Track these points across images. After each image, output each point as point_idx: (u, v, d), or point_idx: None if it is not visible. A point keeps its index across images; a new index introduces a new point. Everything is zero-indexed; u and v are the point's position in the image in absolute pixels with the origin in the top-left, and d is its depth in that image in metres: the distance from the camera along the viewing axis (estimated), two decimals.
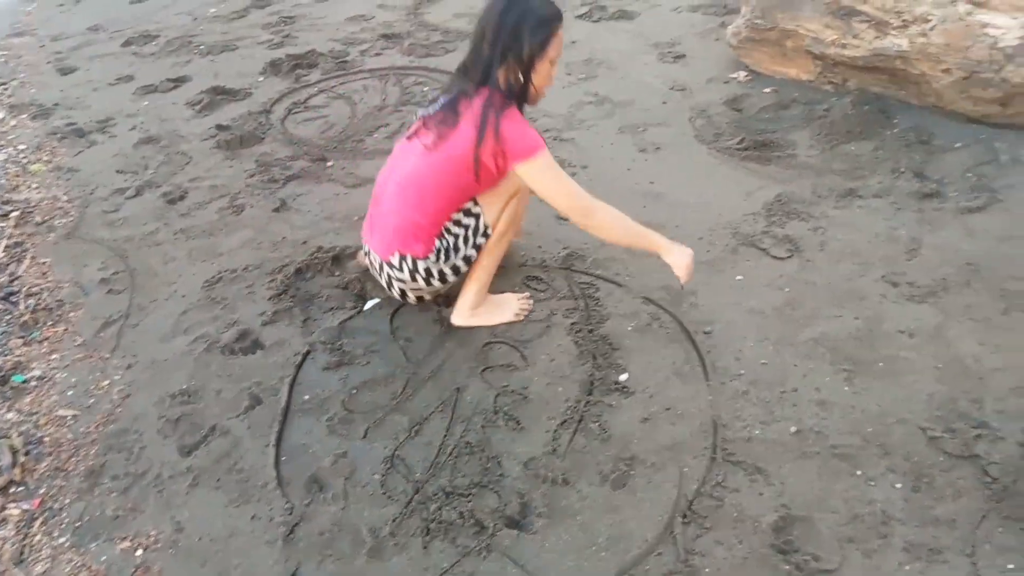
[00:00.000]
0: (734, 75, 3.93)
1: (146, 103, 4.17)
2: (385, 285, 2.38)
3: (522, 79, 2.05)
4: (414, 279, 2.24)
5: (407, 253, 2.20)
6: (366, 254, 2.39)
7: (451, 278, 2.31)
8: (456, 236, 2.22)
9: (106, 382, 2.34)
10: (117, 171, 3.50)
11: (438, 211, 2.18)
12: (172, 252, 2.91)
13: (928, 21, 3.18)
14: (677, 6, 4.86)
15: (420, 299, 2.45)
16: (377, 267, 2.34)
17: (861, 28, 3.38)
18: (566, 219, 2.38)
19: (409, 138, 2.22)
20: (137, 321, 2.58)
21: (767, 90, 3.75)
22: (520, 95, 2.08)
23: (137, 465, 2.07)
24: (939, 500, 1.83)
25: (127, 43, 5.04)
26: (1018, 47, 2.98)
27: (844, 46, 3.44)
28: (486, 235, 2.27)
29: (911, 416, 2.05)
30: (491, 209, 2.24)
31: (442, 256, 2.22)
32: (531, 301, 2.50)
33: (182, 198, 3.26)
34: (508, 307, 2.44)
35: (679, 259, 2.16)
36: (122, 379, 2.35)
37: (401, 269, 2.23)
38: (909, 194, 2.91)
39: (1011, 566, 1.68)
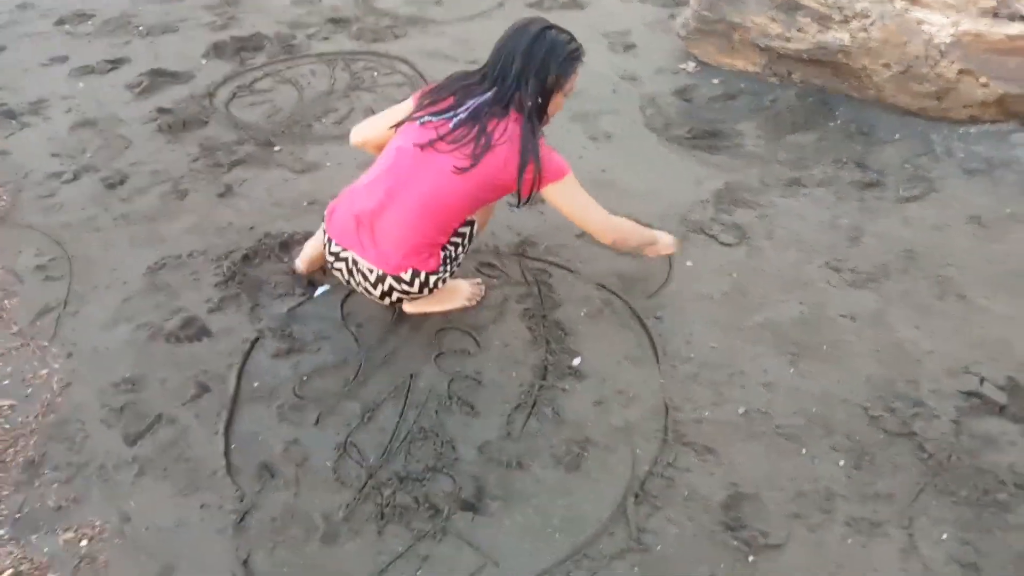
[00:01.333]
0: (683, 66, 3.98)
1: (82, 85, 4.01)
2: (377, 295, 2.23)
3: (540, 105, 2.13)
4: (421, 291, 2.22)
5: (421, 269, 2.17)
6: (338, 258, 2.23)
7: (446, 283, 2.32)
8: (456, 245, 2.26)
9: (44, 371, 2.26)
10: (52, 155, 3.36)
11: (454, 227, 2.21)
12: (112, 238, 2.82)
13: (868, 17, 3.28)
14: None
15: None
16: (367, 276, 2.19)
17: (805, 22, 3.47)
18: (583, 234, 2.62)
19: (423, 148, 2.09)
20: (76, 309, 2.49)
21: (715, 81, 3.82)
22: (536, 120, 2.15)
23: (80, 455, 2.00)
24: (879, 476, 1.91)
25: (60, 22, 4.82)
26: (951, 44, 3.10)
27: (788, 39, 3.52)
28: (472, 237, 2.33)
29: (853, 396, 2.12)
30: (480, 214, 2.32)
31: (447, 265, 2.24)
32: (484, 287, 2.50)
33: (122, 183, 3.15)
34: (461, 293, 2.44)
35: (668, 238, 2.44)
36: (61, 368, 2.27)
37: (412, 284, 2.18)
38: (851, 184, 3.00)
39: (944, 536, 1.77)
